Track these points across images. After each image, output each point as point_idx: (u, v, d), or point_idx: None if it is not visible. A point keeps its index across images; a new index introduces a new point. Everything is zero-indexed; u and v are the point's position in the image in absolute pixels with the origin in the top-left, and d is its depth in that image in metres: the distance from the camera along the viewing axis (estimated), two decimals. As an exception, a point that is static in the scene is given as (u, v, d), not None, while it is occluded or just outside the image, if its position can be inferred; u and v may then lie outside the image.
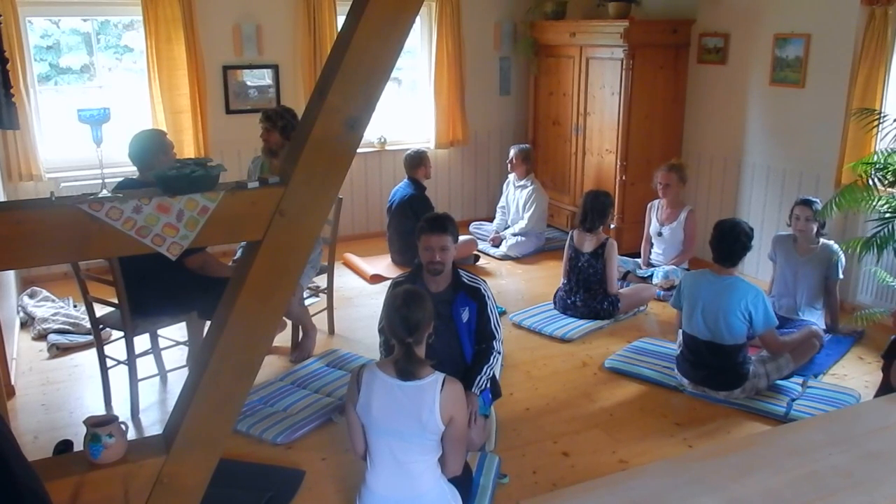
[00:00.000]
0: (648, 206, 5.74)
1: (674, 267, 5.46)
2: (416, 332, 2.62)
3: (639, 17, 5.81)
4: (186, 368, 4.07)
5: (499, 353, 3.51)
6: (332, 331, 4.77)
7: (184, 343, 4.22)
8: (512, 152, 6.44)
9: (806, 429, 3.12)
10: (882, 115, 4.22)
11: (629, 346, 4.50)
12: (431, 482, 2.72)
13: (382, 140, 6.77)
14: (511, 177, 6.57)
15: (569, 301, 4.99)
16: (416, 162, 5.94)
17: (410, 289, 2.77)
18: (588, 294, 4.93)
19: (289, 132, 4.44)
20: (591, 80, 6.31)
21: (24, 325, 4.84)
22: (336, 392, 3.89)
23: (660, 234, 5.63)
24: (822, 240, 4.52)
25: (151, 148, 3.72)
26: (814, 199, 4.47)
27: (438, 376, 2.67)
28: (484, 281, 3.60)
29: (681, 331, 4.04)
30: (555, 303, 5.12)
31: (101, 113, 2.19)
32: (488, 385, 3.45)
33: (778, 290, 4.68)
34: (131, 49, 6.10)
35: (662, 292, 5.25)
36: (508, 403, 3.84)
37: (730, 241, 3.85)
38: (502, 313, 4.87)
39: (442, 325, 3.22)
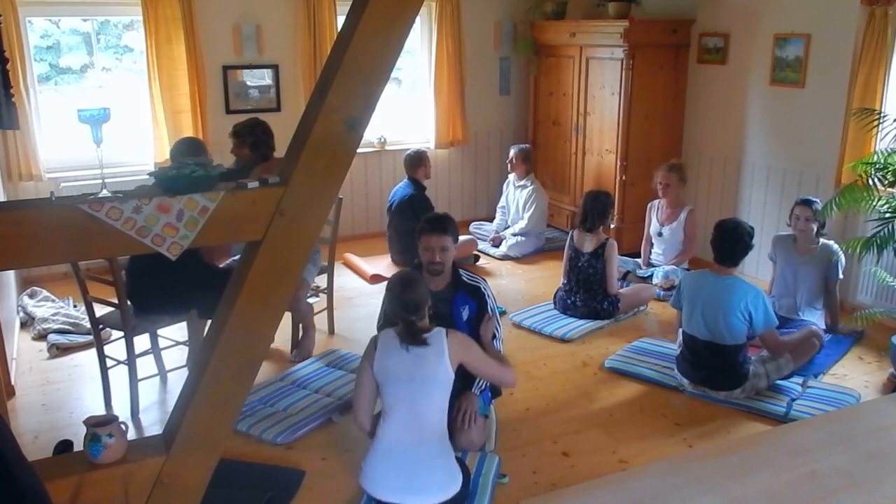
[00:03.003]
0: (648, 206, 5.74)
1: (674, 267, 5.46)
2: (417, 311, 2.89)
3: (639, 17, 5.81)
4: (186, 368, 4.07)
5: (499, 352, 3.51)
6: (332, 331, 4.77)
7: (184, 343, 4.22)
8: (512, 152, 6.44)
9: (806, 429, 3.12)
10: (882, 115, 4.22)
11: (629, 346, 4.50)
12: (439, 433, 2.89)
13: (382, 140, 6.77)
14: (511, 177, 6.57)
15: (569, 301, 4.99)
16: (416, 162, 5.94)
17: (404, 274, 3.03)
18: (588, 294, 4.93)
19: (260, 147, 4.33)
20: (591, 80, 6.31)
21: (24, 325, 4.84)
22: (336, 392, 3.89)
23: (660, 234, 5.63)
24: (822, 240, 4.52)
25: (192, 153, 3.87)
26: (814, 199, 4.47)
27: (440, 329, 2.91)
28: (484, 280, 3.60)
29: (681, 331, 4.04)
30: (555, 303, 5.12)
31: (101, 113, 2.19)
32: (488, 385, 3.45)
33: (778, 290, 4.68)
34: (131, 49, 6.10)
35: (662, 292, 5.25)
36: (508, 403, 3.84)
37: (732, 241, 3.85)
38: (502, 313, 4.87)
39: (442, 324, 3.22)
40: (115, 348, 4.05)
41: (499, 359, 3.17)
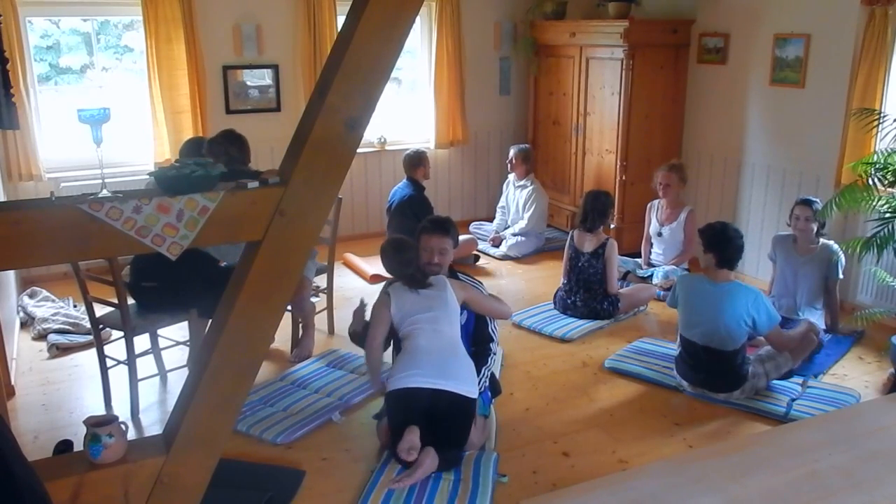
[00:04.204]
0: (648, 206, 5.74)
1: (674, 267, 5.46)
2: (411, 265, 3.35)
3: (639, 17, 5.81)
4: (186, 368, 4.07)
5: (494, 353, 3.53)
6: (331, 331, 4.77)
7: (184, 343, 4.22)
8: (512, 152, 6.44)
9: (806, 429, 3.12)
10: (882, 115, 4.22)
11: (629, 346, 4.50)
12: (460, 347, 3.28)
13: (382, 140, 6.77)
14: (511, 177, 6.57)
15: (569, 301, 4.99)
16: (416, 162, 5.93)
17: (392, 239, 3.47)
18: (588, 294, 4.93)
19: (234, 164, 4.12)
20: (591, 80, 6.31)
21: (24, 325, 4.84)
22: (336, 392, 3.90)
23: (660, 235, 5.63)
24: (821, 240, 4.52)
25: (196, 153, 4.04)
26: (814, 199, 4.47)
27: (439, 276, 3.38)
28: (481, 283, 3.60)
29: (679, 332, 4.04)
30: (555, 303, 5.12)
31: (101, 113, 2.19)
32: (487, 385, 3.46)
33: (778, 291, 4.68)
34: (131, 49, 6.09)
35: (662, 292, 5.24)
36: (508, 403, 3.84)
37: (737, 244, 3.86)
38: (502, 313, 4.87)
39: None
40: (115, 348, 4.05)
41: (494, 298, 3.64)
